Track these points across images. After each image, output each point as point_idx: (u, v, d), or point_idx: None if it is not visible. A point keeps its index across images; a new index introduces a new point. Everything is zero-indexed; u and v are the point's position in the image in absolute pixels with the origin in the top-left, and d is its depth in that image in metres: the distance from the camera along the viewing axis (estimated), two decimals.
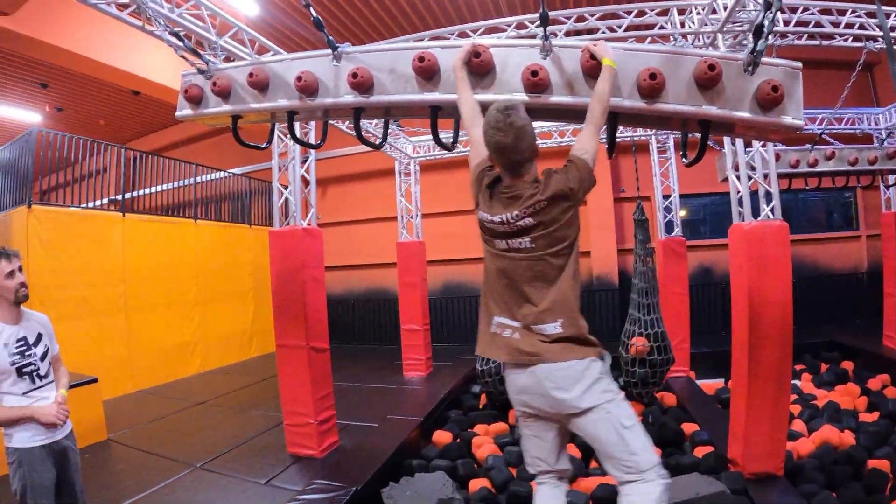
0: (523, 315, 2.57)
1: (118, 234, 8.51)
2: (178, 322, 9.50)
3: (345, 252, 12.86)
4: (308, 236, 5.44)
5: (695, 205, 11.63)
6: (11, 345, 2.94)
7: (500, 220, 2.59)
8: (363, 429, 6.21)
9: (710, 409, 6.76)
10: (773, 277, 4.58)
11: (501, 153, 2.58)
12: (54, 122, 13.96)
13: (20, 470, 2.90)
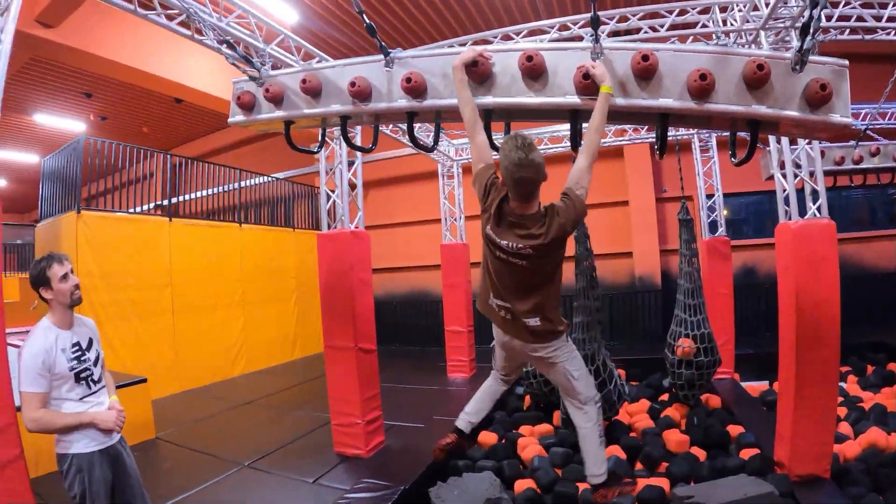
0: (513, 306, 3.29)
1: (165, 237, 8.72)
2: (224, 324, 9.68)
3: (386, 255, 12.93)
4: (356, 239, 5.52)
5: (737, 204, 11.46)
6: (68, 350, 2.98)
7: (506, 244, 3.07)
8: (409, 429, 6.26)
9: (756, 411, 6.67)
10: (821, 277, 4.51)
11: (521, 186, 2.96)
12: (98, 130, 14.33)
13: (79, 475, 2.94)
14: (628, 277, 11.68)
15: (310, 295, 11.64)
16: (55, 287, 2.99)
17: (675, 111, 3.00)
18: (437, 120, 3.57)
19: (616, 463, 5.17)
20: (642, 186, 11.47)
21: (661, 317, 10.96)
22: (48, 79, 11.64)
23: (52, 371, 2.88)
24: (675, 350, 6.77)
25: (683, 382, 6.75)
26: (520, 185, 2.94)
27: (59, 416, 2.90)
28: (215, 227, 9.92)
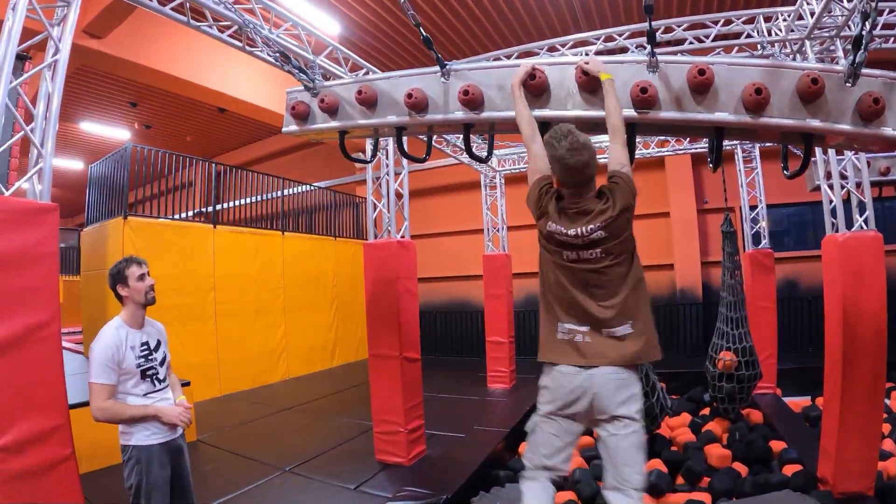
0: (594, 315, 2.74)
1: (209, 244, 8.89)
2: (265, 330, 9.80)
3: (427, 264, 12.87)
4: (403, 249, 5.59)
5: (779, 215, 11.27)
6: (137, 348, 3.10)
7: (575, 233, 2.75)
8: (450, 439, 6.27)
9: (798, 426, 6.59)
10: (868, 290, 4.47)
11: (575, 173, 2.76)
12: (143, 139, 14.64)
13: (137, 466, 3.03)
14: (669, 290, 11.60)
15: (350, 303, 11.83)
16: (132, 285, 3.13)
17: (731, 125, 3.01)
18: (490, 132, 3.61)
19: (658, 476, 5.15)
20: (684, 198, 11.39)
21: (701, 329, 10.89)
22: (94, 88, 12.00)
23: (120, 366, 2.99)
24: (716, 363, 6.73)
25: (724, 396, 6.70)
26: (575, 172, 2.76)
27: (125, 407, 3.01)
28: (258, 234, 10.06)
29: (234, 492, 4.91)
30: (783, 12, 5.25)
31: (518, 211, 11.01)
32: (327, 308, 11.59)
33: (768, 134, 3.25)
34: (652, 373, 6.13)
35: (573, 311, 2.80)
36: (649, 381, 5.95)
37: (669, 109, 3.01)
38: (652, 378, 6.05)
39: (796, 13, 5.00)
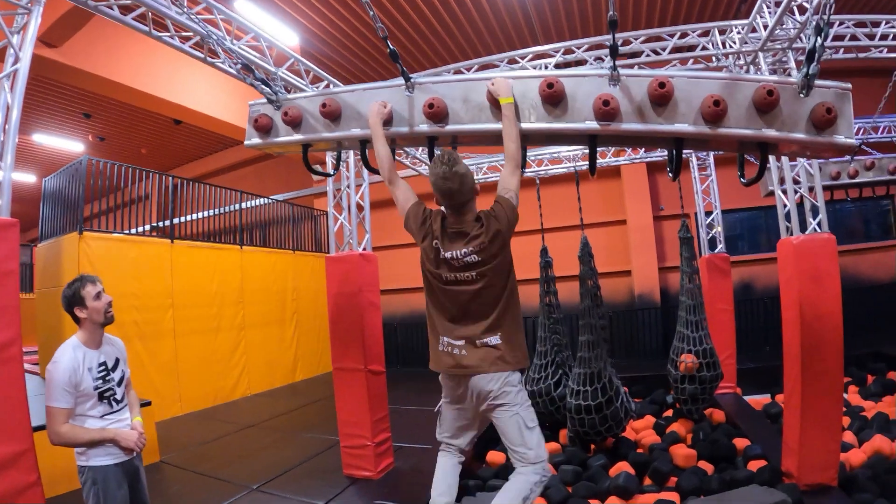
0: (468, 331, 3.10)
1: (166, 259, 8.71)
2: (225, 346, 9.65)
3: (387, 276, 12.79)
4: (364, 261, 5.56)
5: (733, 220, 11.60)
6: (94, 369, 3.04)
7: (451, 255, 3.05)
8: (417, 450, 6.26)
9: (760, 423, 6.74)
10: (823, 290, 4.62)
11: (450, 197, 3.06)
12: (96, 151, 14.36)
13: (94, 488, 2.99)
14: (628, 296, 11.79)
15: (310, 317, 11.70)
16: (90, 305, 3.06)
17: (690, 136, 3.08)
18: (454, 144, 3.62)
19: (626, 478, 5.22)
20: (640, 205, 11.61)
21: (661, 333, 11.08)
22: (48, 98, 11.71)
23: (77, 388, 2.94)
24: (678, 365, 6.86)
25: (687, 397, 6.83)
26: (449, 197, 3.06)
27: (82, 431, 2.95)
28: (216, 249, 9.92)
29: None
30: (737, 25, 5.42)
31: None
32: (288, 322, 11.46)
33: (726, 143, 3.34)
34: (615, 377, 6.21)
35: (451, 328, 3.15)
36: (613, 386, 6.03)
37: (631, 121, 3.07)
38: (615, 382, 6.14)
39: (750, 26, 5.17)
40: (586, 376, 6.03)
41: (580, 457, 6.10)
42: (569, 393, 6.20)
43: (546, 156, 8.92)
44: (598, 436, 6.11)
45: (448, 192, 3.03)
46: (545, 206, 7.67)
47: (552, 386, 6.86)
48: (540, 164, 9.02)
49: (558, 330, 7.20)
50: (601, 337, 6.07)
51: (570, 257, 6.74)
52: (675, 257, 7.34)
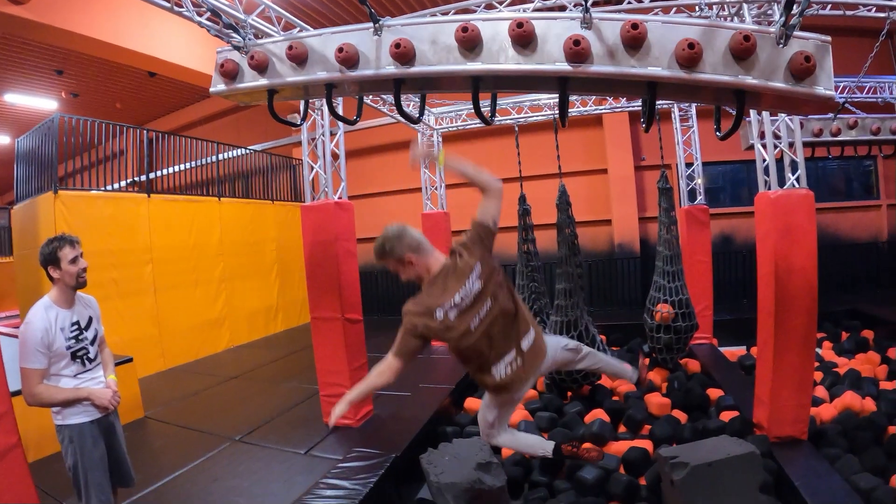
0: (515, 347, 3.30)
1: (144, 214, 8.58)
2: (206, 299, 9.61)
3: (366, 225, 12.69)
4: (340, 210, 5.49)
5: (715, 172, 11.57)
6: (67, 328, 3.05)
7: (460, 299, 3.13)
8: (396, 398, 6.29)
9: (734, 375, 6.83)
10: (799, 245, 4.63)
11: (401, 266, 3.31)
12: (70, 108, 14.02)
13: (71, 446, 3.04)
14: (607, 245, 11.84)
15: (290, 267, 11.64)
16: (63, 268, 3.06)
17: (663, 80, 3.04)
18: (422, 89, 3.56)
19: (601, 425, 5.30)
20: (621, 155, 11.54)
21: (640, 283, 11.16)
22: (17, 57, 11.43)
23: (50, 348, 2.95)
24: (653, 315, 6.91)
25: (662, 347, 6.92)
26: (400, 265, 3.32)
27: (57, 391, 2.98)
28: (194, 201, 9.78)
29: (186, 465, 4.88)
30: None
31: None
32: (268, 273, 11.41)
33: (703, 93, 3.30)
34: (592, 325, 6.25)
35: (499, 355, 3.28)
36: (589, 334, 6.08)
37: (603, 63, 3.02)
38: (592, 331, 6.17)
39: None
40: (563, 324, 6.07)
41: (556, 404, 6.18)
42: None
43: (526, 103, 8.81)
44: (575, 383, 6.18)
45: (389, 264, 3.32)
46: (525, 154, 7.63)
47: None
48: (520, 111, 8.93)
49: (536, 278, 7.24)
50: (578, 285, 6.09)
51: (549, 206, 6.72)
52: (655, 208, 7.32)
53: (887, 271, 10.83)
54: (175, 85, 13.51)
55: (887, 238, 11.21)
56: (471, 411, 6.31)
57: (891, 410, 5.61)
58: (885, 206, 11.35)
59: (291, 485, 4.40)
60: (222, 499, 4.33)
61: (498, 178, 3.26)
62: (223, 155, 11.00)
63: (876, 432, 5.18)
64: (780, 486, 4.36)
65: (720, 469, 3.76)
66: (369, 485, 4.32)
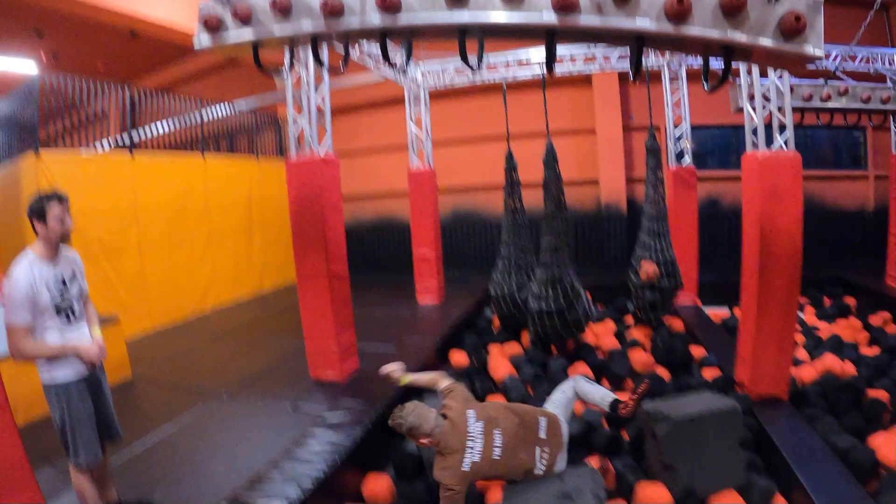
0: (538, 439, 3.70)
1: (127, 173, 8.45)
2: (192, 258, 9.54)
3: (353, 182, 12.65)
4: (325, 164, 5.45)
5: (703, 136, 11.56)
6: (51, 283, 3.05)
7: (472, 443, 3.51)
8: (382, 353, 6.34)
9: (717, 335, 6.95)
10: (785, 207, 4.69)
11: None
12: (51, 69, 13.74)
13: (59, 403, 3.07)
14: (594, 205, 11.86)
15: (276, 226, 11.54)
16: (49, 225, 3.05)
17: (651, 34, 3.01)
18: (409, 37, 3.50)
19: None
20: (610, 115, 11.50)
21: (626, 244, 11.20)
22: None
23: (35, 304, 2.96)
24: (638, 273, 6.95)
25: (646, 304, 7.01)
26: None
27: (44, 346, 3.01)
28: (178, 158, 9.63)
29: (175, 421, 4.96)
30: None
31: (440, 127, 11.06)
32: (254, 231, 11.30)
33: (690, 45, 3.28)
34: (577, 281, 6.28)
35: (531, 459, 3.68)
36: (574, 290, 6.11)
37: (590, 14, 2.97)
38: (577, 287, 6.21)
39: None
40: (548, 280, 6.11)
41: (541, 359, 6.27)
42: (531, 296, 6.28)
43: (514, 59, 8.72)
44: (559, 339, 6.26)
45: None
46: (512, 113, 7.55)
47: (515, 289, 6.98)
48: (507, 66, 8.82)
49: (522, 234, 7.28)
50: (564, 241, 6.11)
51: (536, 164, 6.70)
52: (643, 169, 7.33)
53: (873, 241, 10.92)
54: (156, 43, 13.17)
55: (874, 208, 11.32)
56: (456, 365, 6.39)
57: (870, 375, 5.74)
58: (872, 177, 11.44)
59: (279, 438, 4.44)
60: (210, 454, 4.39)
61: (443, 379, 3.94)
62: (207, 112, 10.79)
63: (855, 395, 5.31)
64: (760, 444, 4.48)
65: (702, 424, 3.85)
66: (356, 436, 4.41)
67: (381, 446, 4.79)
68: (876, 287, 8.87)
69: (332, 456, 4.08)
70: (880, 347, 6.71)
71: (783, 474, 3.99)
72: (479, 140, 12.16)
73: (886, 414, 5.04)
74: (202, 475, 4.03)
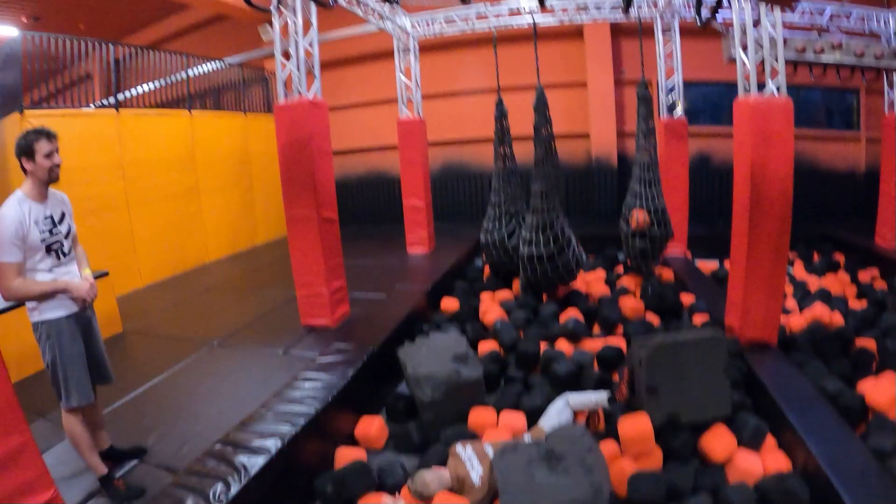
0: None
1: (113, 130, 8.27)
2: (181, 214, 9.41)
3: (341, 137, 12.50)
4: (314, 108, 5.36)
5: (694, 93, 11.38)
6: (41, 222, 3.01)
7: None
8: (373, 300, 6.35)
9: (707, 284, 6.99)
10: (776, 151, 4.67)
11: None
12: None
13: (49, 342, 3.03)
14: (585, 158, 11.78)
15: (266, 180, 11.41)
16: (37, 161, 3.00)
17: None
18: None
19: (575, 324, 5.39)
20: (601, 69, 11.35)
21: (616, 197, 11.20)
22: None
23: (24, 241, 2.91)
24: (629, 221, 6.96)
25: (637, 253, 7.03)
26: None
27: (34, 284, 2.97)
28: (165, 114, 9.43)
29: (167, 370, 4.94)
30: None
31: (432, 79, 10.89)
32: (244, 186, 11.15)
33: None
34: (567, 227, 6.27)
35: None
36: (565, 235, 6.10)
37: None
38: (567, 232, 6.20)
39: None
40: (538, 225, 6.09)
41: (532, 304, 6.29)
42: (521, 241, 6.28)
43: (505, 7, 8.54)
44: (550, 284, 6.27)
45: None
46: (503, 66, 7.51)
47: (506, 236, 7.00)
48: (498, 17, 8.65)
49: (512, 180, 7.24)
50: (554, 186, 6.07)
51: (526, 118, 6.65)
52: (634, 123, 7.30)
53: (863, 202, 10.88)
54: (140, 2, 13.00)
55: (865, 170, 11.29)
56: (447, 311, 6.41)
57: (858, 326, 5.78)
58: (864, 139, 11.39)
59: (271, 382, 4.44)
60: (204, 397, 4.40)
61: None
62: (194, 70, 10.57)
63: (843, 344, 5.34)
64: (750, 387, 4.51)
65: (685, 349, 3.86)
66: (348, 377, 4.39)
67: (374, 390, 4.82)
68: (865, 245, 8.91)
69: (324, 395, 4.07)
70: (868, 301, 6.76)
71: (773, 416, 4.01)
72: (468, 93, 12.03)
73: (874, 362, 5.08)
74: (195, 420, 4.03)
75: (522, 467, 3.10)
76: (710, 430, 3.84)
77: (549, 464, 3.11)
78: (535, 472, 3.06)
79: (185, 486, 3.01)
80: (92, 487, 3.22)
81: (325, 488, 3.54)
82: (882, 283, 7.56)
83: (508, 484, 3.05)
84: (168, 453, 3.59)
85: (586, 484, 2.99)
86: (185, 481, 3.08)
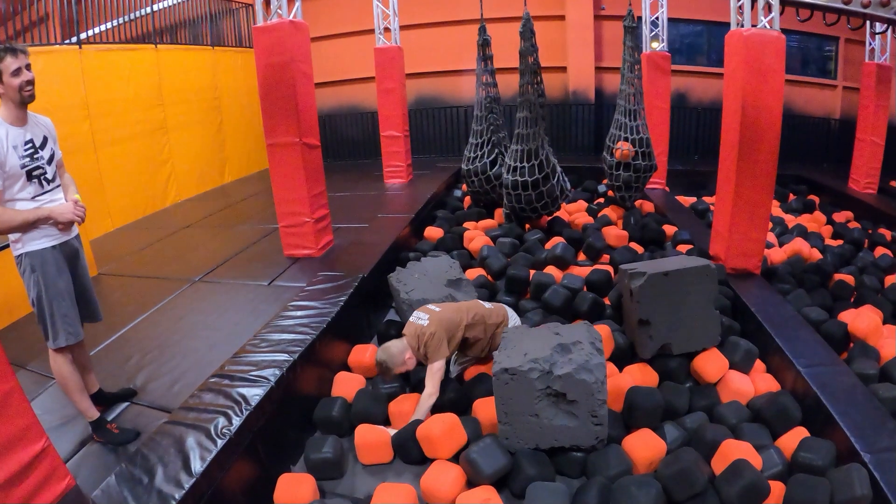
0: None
1: (76, 67, 7.87)
2: (150, 153, 9.07)
3: (322, 69, 11.44)
4: (295, 29, 5.11)
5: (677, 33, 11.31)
6: (20, 146, 2.78)
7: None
8: (355, 229, 6.26)
9: (688, 216, 7.09)
10: (767, 84, 4.68)
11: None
12: None
13: (34, 276, 2.85)
14: (562, 92, 11.68)
15: (236, 116, 11.02)
16: (5, 81, 2.71)
17: None
18: None
19: (564, 248, 5.37)
20: (580, 1, 11.14)
21: (593, 131, 11.26)
22: None
23: (3, 168, 2.69)
24: (613, 152, 6.95)
25: (621, 184, 7.02)
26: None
27: (15, 213, 2.74)
28: (129, 50, 9.00)
29: (148, 310, 4.77)
30: None
31: (409, 9, 10.41)
32: (213, 122, 10.73)
33: None
34: (552, 155, 6.19)
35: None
36: (550, 164, 6.04)
37: None
38: (552, 160, 6.13)
39: None
40: (523, 153, 6.01)
41: (516, 232, 6.29)
42: (505, 169, 6.21)
43: None
44: (534, 212, 6.23)
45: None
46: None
47: (488, 165, 6.92)
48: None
49: (495, 109, 7.11)
50: (539, 114, 5.95)
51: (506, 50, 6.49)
52: (612, 58, 7.25)
53: (837, 148, 11.30)
54: None
55: (840, 117, 11.56)
56: (431, 238, 6.37)
57: (836, 262, 5.98)
58: (841, 87, 11.64)
59: (259, 313, 4.36)
60: (191, 332, 4.29)
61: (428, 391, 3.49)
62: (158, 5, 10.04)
63: (823, 277, 5.54)
64: (736, 312, 4.58)
65: (676, 279, 3.85)
66: (339, 303, 4.30)
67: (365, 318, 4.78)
68: (839, 187, 9.15)
69: (318, 322, 3.98)
70: (844, 240, 6.95)
71: (760, 340, 4.08)
72: (443, 24, 11.66)
73: (853, 296, 5.26)
74: (183, 356, 3.92)
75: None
76: (702, 353, 3.91)
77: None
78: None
79: (184, 423, 2.88)
80: (84, 436, 3.10)
81: (330, 414, 3.53)
82: (857, 224, 7.74)
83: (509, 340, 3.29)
84: (159, 393, 3.50)
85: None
86: (182, 418, 2.94)
